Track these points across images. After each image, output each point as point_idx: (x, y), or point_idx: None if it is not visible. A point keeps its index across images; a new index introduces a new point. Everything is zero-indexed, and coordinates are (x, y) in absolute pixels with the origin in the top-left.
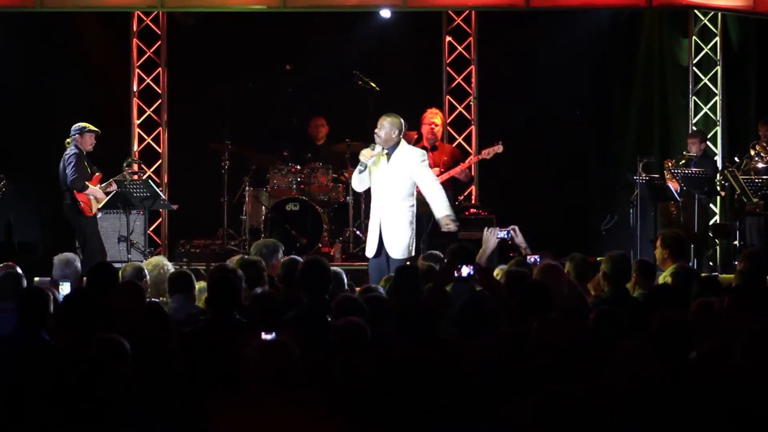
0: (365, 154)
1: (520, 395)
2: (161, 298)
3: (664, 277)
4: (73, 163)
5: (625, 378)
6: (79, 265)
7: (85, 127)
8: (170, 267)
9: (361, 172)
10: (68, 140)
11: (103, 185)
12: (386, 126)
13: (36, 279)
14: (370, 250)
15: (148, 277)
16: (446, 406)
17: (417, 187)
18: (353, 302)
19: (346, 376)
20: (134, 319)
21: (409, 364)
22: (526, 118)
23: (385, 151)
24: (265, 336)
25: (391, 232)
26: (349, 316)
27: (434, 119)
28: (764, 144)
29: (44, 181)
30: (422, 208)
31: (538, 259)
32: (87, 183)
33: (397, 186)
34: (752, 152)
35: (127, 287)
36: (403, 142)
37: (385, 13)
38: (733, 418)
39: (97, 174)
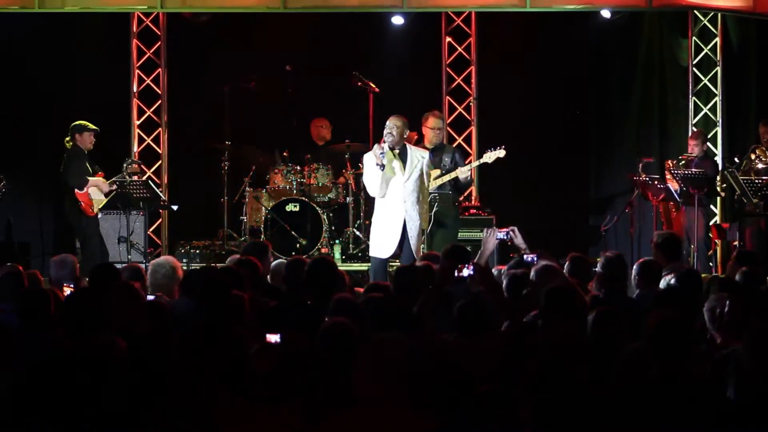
0: (376, 152)
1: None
2: (161, 295)
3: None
4: (72, 163)
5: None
6: (76, 266)
7: (83, 126)
8: (170, 267)
9: (382, 169)
10: (67, 139)
11: (110, 181)
12: (399, 126)
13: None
14: (388, 250)
15: (148, 278)
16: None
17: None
18: (350, 303)
19: None
20: (130, 320)
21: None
22: (526, 118)
23: (397, 151)
24: (270, 337)
25: (415, 232)
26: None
27: (437, 125)
28: (764, 148)
29: (44, 181)
30: None
31: (535, 258)
32: (87, 178)
33: (417, 186)
34: (752, 156)
35: (122, 288)
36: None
37: (398, 20)
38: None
39: (100, 173)
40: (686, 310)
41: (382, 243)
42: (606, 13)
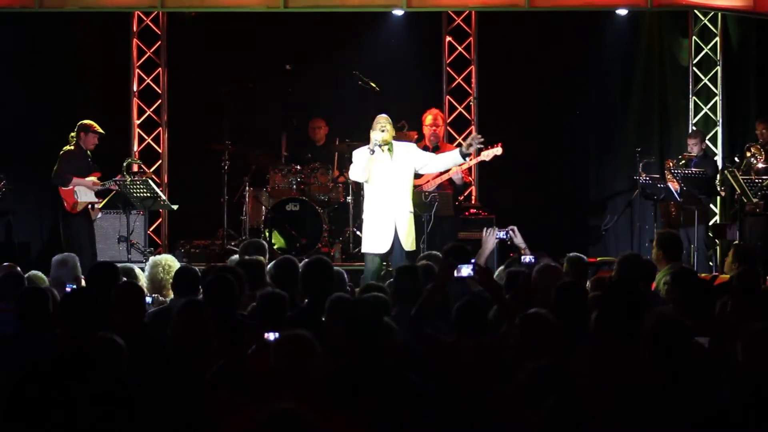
0: (377, 138)
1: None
2: (158, 296)
3: (660, 277)
4: (61, 161)
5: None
6: (77, 265)
7: (89, 127)
8: (175, 264)
9: (372, 153)
10: (72, 135)
11: (104, 183)
12: (390, 123)
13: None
14: (383, 246)
15: (144, 277)
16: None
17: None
18: (347, 303)
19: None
20: (132, 319)
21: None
22: (526, 118)
23: (387, 147)
24: (268, 336)
25: (405, 226)
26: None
27: (436, 121)
28: (759, 146)
29: (44, 181)
30: (422, 209)
31: (533, 259)
32: (71, 177)
33: (405, 181)
34: (748, 154)
35: (126, 287)
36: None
37: (398, 12)
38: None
39: (96, 173)
40: (683, 310)
41: (376, 238)
42: (623, 11)
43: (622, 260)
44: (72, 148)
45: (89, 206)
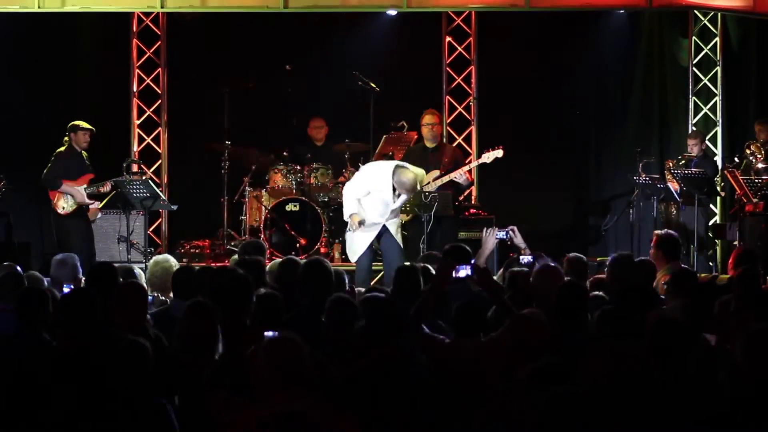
0: (354, 227)
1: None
2: (158, 295)
3: (659, 277)
4: (52, 162)
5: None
6: (77, 265)
7: (76, 126)
8: (175, 265)
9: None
10: (66, 139)
11: (94, 186)
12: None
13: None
14: (353, 256)
15: (143, 277)
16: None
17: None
18: (347, 303)
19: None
20: (134, 320)
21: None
22: (526, 118)
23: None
24: (267, 335)
25: (397, 236)
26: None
27: (430, 120)
28: (759, 144)
29: None
30: (422, 209)
31: (532, 259)
32: (62, 181)
33: (399, 209)
34: (747, 152)
35: (127, 288)
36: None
37: (391, 12)
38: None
39: (89, 174)
40: (683, 310)
41: (357, 246)
42: (623, 11)
43: (613, 261)
44: (63, 149)
45: (83, 207)
